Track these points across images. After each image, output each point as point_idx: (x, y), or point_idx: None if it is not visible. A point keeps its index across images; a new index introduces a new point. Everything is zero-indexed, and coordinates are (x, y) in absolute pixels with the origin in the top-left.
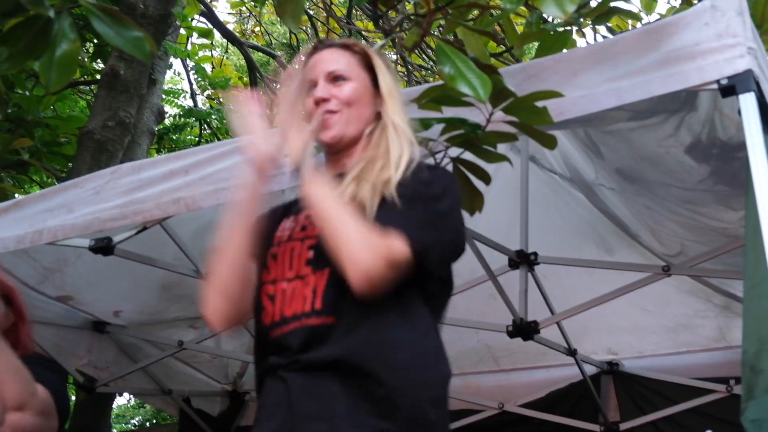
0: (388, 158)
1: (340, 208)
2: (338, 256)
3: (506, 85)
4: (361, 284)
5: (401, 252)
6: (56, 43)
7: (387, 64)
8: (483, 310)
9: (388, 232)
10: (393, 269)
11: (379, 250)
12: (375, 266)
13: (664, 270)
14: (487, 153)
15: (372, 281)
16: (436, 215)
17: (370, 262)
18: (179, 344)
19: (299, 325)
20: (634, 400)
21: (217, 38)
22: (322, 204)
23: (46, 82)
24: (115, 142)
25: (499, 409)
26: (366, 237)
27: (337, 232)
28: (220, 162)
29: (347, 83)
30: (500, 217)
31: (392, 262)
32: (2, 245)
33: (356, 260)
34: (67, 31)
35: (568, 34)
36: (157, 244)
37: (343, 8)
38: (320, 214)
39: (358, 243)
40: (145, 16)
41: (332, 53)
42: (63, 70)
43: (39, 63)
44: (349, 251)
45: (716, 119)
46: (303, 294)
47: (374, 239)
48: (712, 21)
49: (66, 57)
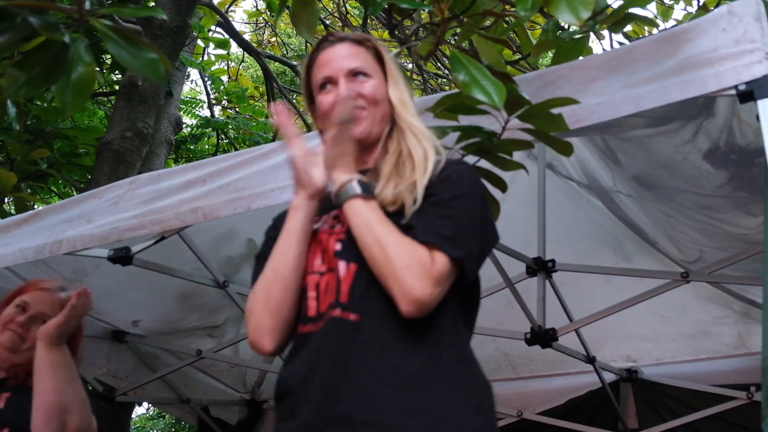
0: (413, 160)
1: (384, 229)
2: (385, 281)
3: (521, 92)
4: (413, 310)
5: (444, 267)
6: (72, 66)
7: (396, 65)
8: (501, 317)
9: (427, 244)
10: (440, 286)
11: (425, 272)
12: (424, 291)
13: (683, 277)
14: (503, 161)
15: (423, 306)
16: (471, 218)
17: (419, 288)
18: (197, 353)
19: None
20: (654, 408)
21: (233, 48)
22: (366, 226)
23: (62, 105)
24: (133, 152)
25: (518, 417)
26: (412, 260)
27: (383, 257)
28: (238, 171)
29: (369, 80)
30: (518, 224)
31: (438, 279)
32: (22, 255)
33: (406, 287)
34: (83, 54)
35: (585, 40)
36: (175, 254)
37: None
38: (363, 237)
39: (406, 268)
40: (162, 28)
41: (348, 48)
42: (79, 93)
43: (55, 87)
44: (397, 277)
45: (734, 125)
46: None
47: (420, 260)
48: (730, 27)
49: (81, 80)
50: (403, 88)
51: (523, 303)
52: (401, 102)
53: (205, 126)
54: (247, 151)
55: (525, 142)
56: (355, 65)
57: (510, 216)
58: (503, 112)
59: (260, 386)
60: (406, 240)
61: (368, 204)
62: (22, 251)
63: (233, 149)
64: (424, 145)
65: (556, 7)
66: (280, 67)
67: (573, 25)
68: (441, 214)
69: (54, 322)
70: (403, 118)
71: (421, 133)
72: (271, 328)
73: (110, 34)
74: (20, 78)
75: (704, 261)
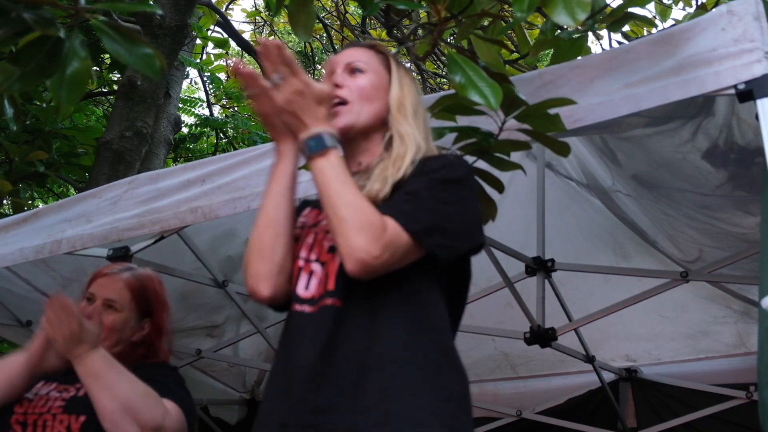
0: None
1: (341, 187)
2: (335, 238)
3: (518, 93)
4: (356, 270)
5: (396, 236)
6: (67, 62)
7: (406, 73)
8: (500, 317)
9: (385, 216)
10: (388, 252)
11: (374, 235)
12: (370, 253)
13: (683, 276)
14: (501, 161)
15: (366, 267)
16: (437, 198)
17: (364, 249)
18: (197, 353)
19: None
20: (653, 407)
21: (233, 47)
22: (325, 183)
23: (56, 100)
24: (132, 152)
25: (518, 417)
26: (363, 221)
27: (337, 209)
28: (237, 171)
29: (363, 75)
30: (517, 224)
31: (386, 245)
32: (22, 255)
33: (351, 246)
34: (78, 49)
35: (583, 40)
36: (175, 254)
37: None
38: (322, 194)
39: (356, 228)
40: (162, 27)
41: (356, 51)
42: (74, 89)
43: (50, 82)
44: (345, 236)
45: (734, 124)
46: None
47: (371, 223)
48: (729, 26)
49: (76, 75)
50: (407, 94)
51: (522, 302)
52: (398, 105)
53: (204, 125)
54: (246, 151)
55: (522, 142)
56: (352, 60)
57: (509, 215)
58: (500, 112)
59: (260, 386)
60: (362, 201)
61: (330, 160)
62: (21, 251)
63: (232, 148)
64: (407, 145)
65: (552, 8)
66: None
67: (569, 26)
68: (405, 193)
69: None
70: (396, 121)
71: (408, 137)
72: (267, 273)
73: (105, 29)
74: (14, 72)
75: (704, 260)
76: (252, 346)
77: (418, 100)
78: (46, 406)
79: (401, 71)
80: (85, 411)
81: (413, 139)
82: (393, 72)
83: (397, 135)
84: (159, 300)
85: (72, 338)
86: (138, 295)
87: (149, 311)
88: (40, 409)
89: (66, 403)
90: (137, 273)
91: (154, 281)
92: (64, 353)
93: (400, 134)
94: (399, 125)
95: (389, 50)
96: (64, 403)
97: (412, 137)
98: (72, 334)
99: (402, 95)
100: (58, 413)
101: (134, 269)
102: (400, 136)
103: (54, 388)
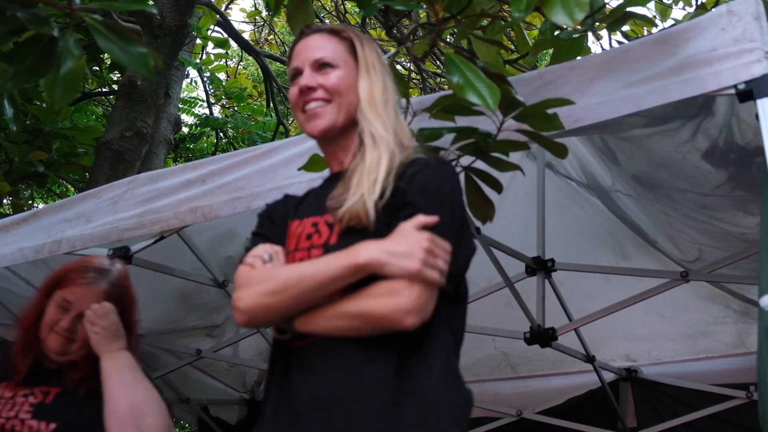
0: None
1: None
2: (372, 332)
3: (515, 94)
4: (413, 322)
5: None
6: (61, 60)
7: (371, 51)
8: (500, 317)
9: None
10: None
11: (388, 293)
12: (408, 300)
13: (683, 276)
14: (499, 162)
15: (415, 311)
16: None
17: (401, 305)
18: (197, 353)
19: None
20: (653, 407)
21: (233, 47)
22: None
23: (50, 99)
24: (132, 152)
25: (518, 416)
26: (372, 299)
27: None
28: (237, 171)
29: (334, 71)
30: (517, 223)
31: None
32: (21, 255)
33: (391, 316)
34: (72, 48)
35: (583, 40)
36: (175, 254)
37: (357, 16)
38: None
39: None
40: (162, 27)
41: (319, 39)
42: (67, 88)
43: (44, 81)
44: (377, 318)
45: (734, 124)
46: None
47: (374, 293)
48: (729, 26)
49: (70, 74)
50: (376, 81)
51: (522, 302)
52: (368, 96)
53: (203, 125)
54: (246, 151)
55: (520, 143)
56: (321, 56)
57: (509, 215)
58: (499, 112)
59: (260, 386)
60: (359, 295)
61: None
62: (21, 251)
63: (232, 148)
64: (380, 151)
65: (550, 8)
66: (280, 67)
67: (568, 26)
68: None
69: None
70: (365, 115)
71: (381, 142)
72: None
73: (99, 27)
74: (8, 71)
75: (703, 260)
76: (252, 346)
77: (387, 84)
78: (14, 410)
79: (367, 51)
80: (55, 419)
81: (386, 145)
82: (359, 57)
83: (369, 136)
84: (131, 301)
85: (113, 334)
86: (116, 304)
87: (122, 314)
88: (7, 413)
89: (34, 409)
90: (113, 280)
91: (126, 280)
92: (101, 347)
93: (372, 136)
94: (370, 125)
95: (352, 31)
96: (32, 408)
97: (384, 142)
98: (113, 330)
99: (371, 85)
100: (26, 419)
101: (108, 274)
102: (372, 138)
103: (19, 392)
